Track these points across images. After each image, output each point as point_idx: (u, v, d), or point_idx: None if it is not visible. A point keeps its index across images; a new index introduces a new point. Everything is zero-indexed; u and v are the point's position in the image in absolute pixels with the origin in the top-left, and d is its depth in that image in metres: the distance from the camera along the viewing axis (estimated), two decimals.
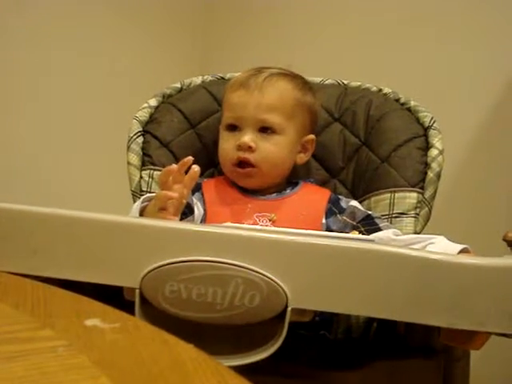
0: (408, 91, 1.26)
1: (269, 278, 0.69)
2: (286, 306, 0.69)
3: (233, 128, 1.14)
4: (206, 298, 0.69)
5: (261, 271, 0.69)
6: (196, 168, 0.96)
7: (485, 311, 0.69)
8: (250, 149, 1.10)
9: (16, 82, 1.79)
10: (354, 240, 0.83)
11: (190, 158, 0.96)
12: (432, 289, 0.69)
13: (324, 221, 1.10)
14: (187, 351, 0.49)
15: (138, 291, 0.71)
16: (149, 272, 0.70)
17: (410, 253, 0.70)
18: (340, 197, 1.16)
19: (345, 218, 1.10)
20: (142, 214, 0.99)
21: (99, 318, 0.54)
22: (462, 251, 0.94)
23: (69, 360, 0.46)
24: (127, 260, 0.72)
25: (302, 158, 1.18)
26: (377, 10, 1.81)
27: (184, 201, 0.95)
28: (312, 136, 1.18)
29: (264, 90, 1.12)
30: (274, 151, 1.11)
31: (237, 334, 0.73)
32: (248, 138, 1.10)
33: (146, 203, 1.00)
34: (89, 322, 0.54)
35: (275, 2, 2.01)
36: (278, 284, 0.69)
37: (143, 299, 0.71)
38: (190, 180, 0.96)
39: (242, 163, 1.12)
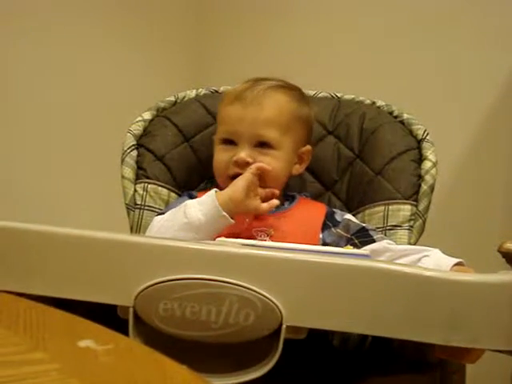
0: (401, 104, 1.26)
1: (263, 295, 0.68)
2: (281, 324, 0.69)
3: (228, 142, 1.13)
4: (200, 316, 0.69)
5: (255, 289, 0.68)
6: None
7: (479, 328, 0.69)
8: (247, 164, 1.09)
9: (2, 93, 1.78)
10: (348, 256, 0.83)
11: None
12: (426, 306, 0.69)
13: (321, 236, 1.10)
14: (180, 373, 0.49)
15: (131, 309, 0.70)
16: (142, 290, 0.70)
17: (404, 269, 0.70)
18: (335, 210, 1.15)
19: (339, 230, 1.10)
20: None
21: (92, 339, 0.54)
22: (456, 265, 0.94)
23: None
24: (121, 278, 0.71)
25: (298, 169, 1.18)
26: (368, 22, 1.81)
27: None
28: (309, 147, 1.18)
29: (260, 104, 1.11)
30: (272, 165, 1.10)
31: (231, 353, 0.72)
32: (245, 153, 1.10)
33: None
34: (82, 344, 0.53)
35: (269, 14, 2.01)
36: (273, 301, 0.69)
37: (137, 317, 0.71)
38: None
39: None
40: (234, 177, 1.10)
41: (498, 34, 1.63)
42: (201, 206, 1.03)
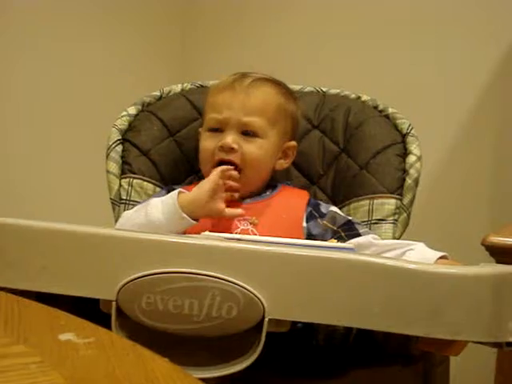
0: (386, 98, 1.26)
1: (245, 288, 0.69)
2: (263, 317, 0.69)
3: (215, 130, 1.13)
4: (183, 309, 0.69)
5: (237, 282, 0.69)
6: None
7: (461, 320, 0.69)
8: (232, 150, 1.10)
9: None
10: (331, 249, 0.83)
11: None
12: (408, 298, 0.69)
13: (305, 224, 1.10)
14: (161, 367, 0.49)
15: (114, 303, 0.70)
16: (125, 284, 0.70)
17: (387, 262, 0.70)
18: (320, 202, 1.16)
19: (325, 222, 1.11)
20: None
21: (73, 333, 0.54)
22: (440, 258, 0.95)
23: (40, 377, 0.46)
24: (103, 272, 0.71)
25: (282, 164, 1.18)
26: (354, 17, 1.81)
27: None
28: (294, 143, 1.18)
29: (249, 93, 1.12)
30: (257, 153, 1.11)
31: (214, 345, 0.72)
32: (230, 138, 1.10)
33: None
34: (63, 337, 0.53)
35: (254, 8, 2.01)
36: (255, 295, 0.69)
37: (120, 311, 0.71)
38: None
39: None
40: (219, 163, 1.10)
41: (483, 29, 1.64)
42: (163, 206, 1.03)
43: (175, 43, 2.13)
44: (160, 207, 1.03)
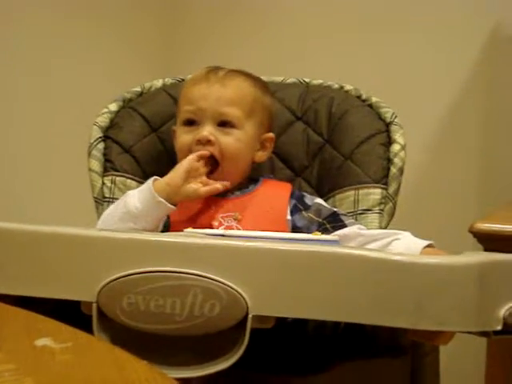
0: (370, 88, 1.25)
1: (228, 285, 0.68)
2: (247, 314, 0.69)
3: (190, 123, 1.12)
4: (165, 309, 0.68)
5: (219, 279, 0.68)
6: None
7: (446, 310, 0.68)
8: (209, 142, 1.09)
9: None
10: (316, 242, 0.82)
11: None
12: (393, 290, 0.68)
13: (289, 217, 1.10)
14: (139, 369, 0.48)
15: (95, 305, 0.69)
16: (105, 285, 0.69)
17: (371, 254, 0.70)
18: (304, 193, 1.15)
19: (310, 214, 1.10)
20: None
21: (51, 337, 0.53)
22: (426, 247, 0.95)
23: None
24: (83, 273, 0.70)
25: (261, 156, 1.17)
26: (335, 5, 1.81)
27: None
28: (271, 134, 1.17)
29: (225, 84, 1.12)
30: (235, 146, 1.10)
31: (198, 344, 0.71)
32: (207, 131, 1.09)
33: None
34: (39, 342, 0.52)
35: (238, 4, 1.99)
36: (238, 291, 0.68)
37: (101, 313, 0.70)
38: None
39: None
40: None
41: (467, 13, 1.63)
42: (139, 194, 1.04)
43: (156, 39, 2.12)
44: (137, 196, 1.04)
